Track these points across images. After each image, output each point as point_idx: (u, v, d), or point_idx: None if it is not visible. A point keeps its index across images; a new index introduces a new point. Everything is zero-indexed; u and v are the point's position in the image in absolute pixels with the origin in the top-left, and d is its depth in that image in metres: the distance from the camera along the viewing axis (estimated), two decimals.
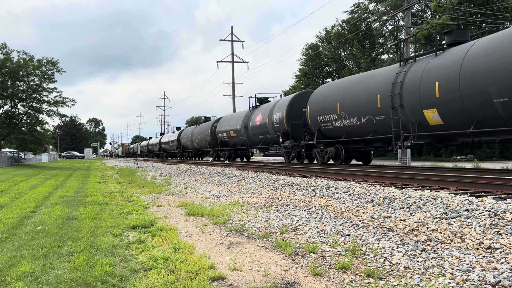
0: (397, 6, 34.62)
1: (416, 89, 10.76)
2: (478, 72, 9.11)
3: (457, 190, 6.89)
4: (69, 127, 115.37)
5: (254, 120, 21.12)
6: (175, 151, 39.81)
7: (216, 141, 26.91)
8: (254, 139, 21.53)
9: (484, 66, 8.99)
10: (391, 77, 11.84)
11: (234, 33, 41.28)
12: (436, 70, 10.28)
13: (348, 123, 13.71)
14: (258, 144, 21.55)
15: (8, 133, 32.86)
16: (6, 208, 7.85)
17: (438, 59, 10.52)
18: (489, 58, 8.93)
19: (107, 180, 16.42)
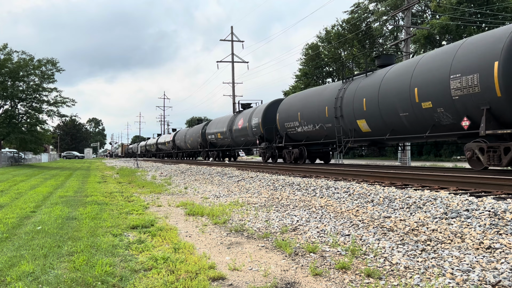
0: (397, 6, 34.63)
1: (351, 103, 13.32)
2: (388, 92, 11.58)
3: (457, 190, 6.89)
4: (69, 127, 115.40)
5: (237, 124, 23.66)
6: (171, 151, 42.14)
7: (206, 142, 29.25)
8: (238, 141, 24.09)
9: (393, 87, 11.42)
10: (335, 93, 14.39)
11: (234, 33, 41.30)
12: (365, 89, 12.80)
13: (306, 129, 16.38)
14: (241, 145, 24.08)
15: (8, 133, 32.86)
16: (6, 208, 7.85)
17: (367, 79, 13.05)
18: (395, 81, 11.43)
19: (107, 180, 16.42)
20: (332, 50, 46.16)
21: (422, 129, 10.69)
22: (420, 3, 35.19)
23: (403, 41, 23.93)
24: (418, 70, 10.59)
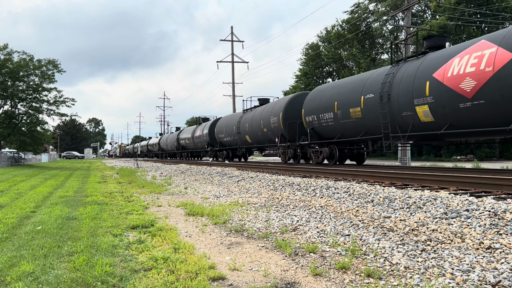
0: (397, 6, 34.63)
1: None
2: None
3: (457, 190, 6.89)
4: (69, 127, 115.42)
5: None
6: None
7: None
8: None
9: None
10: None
11: (234, 33, 41.31)
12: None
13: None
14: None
15: (8, 134, 32.84)
16: (6, 208, 7.85)
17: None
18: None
19: (107, 180, 16.42)
20: (332, 50, 46.16)
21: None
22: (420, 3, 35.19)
23: (403, 41, 23.94)
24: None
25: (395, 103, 11.51)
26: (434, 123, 10.47)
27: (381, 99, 11.93)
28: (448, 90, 9.83)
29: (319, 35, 49.38)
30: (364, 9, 42.66)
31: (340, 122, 14.05)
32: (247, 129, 21.74)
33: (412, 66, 11.38)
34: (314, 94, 16.23)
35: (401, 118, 11.41)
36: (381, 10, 40.46)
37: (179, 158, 38.63)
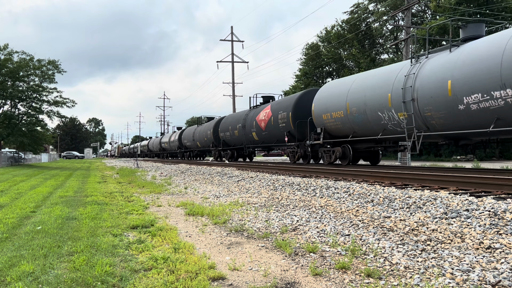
0: (397, 6, 34.63)
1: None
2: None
3: (457, 190, 6.89)
4: (69, 127, 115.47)
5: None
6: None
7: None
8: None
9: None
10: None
11: (234, 33, 41.32)
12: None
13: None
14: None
15: (8, 134, 32.82)
16: (6, 208, 7.85)
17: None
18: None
19: (107, 180, 16.42)
20: (332, 50, 46.17)
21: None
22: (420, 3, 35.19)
23: (403, 41, 23.94)
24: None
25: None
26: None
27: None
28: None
29: (318, 35, 49.41)
30: (364, 9, 42.66)
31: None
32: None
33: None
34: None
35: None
36: (381, 10, 40.47)
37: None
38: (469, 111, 9.21)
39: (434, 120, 10.26)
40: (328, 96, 14.60)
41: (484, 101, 8.77)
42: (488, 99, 8.68)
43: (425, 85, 10.30)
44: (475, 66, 9.00)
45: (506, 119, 8.50)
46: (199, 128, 32.39)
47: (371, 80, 12.70)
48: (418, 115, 10.61)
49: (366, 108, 12.43)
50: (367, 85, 12.71)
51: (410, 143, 10.91)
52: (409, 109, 10.76)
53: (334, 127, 14.27)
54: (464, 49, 9.72)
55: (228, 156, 26.22)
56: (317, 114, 15.04)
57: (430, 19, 37.30)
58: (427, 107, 10.28)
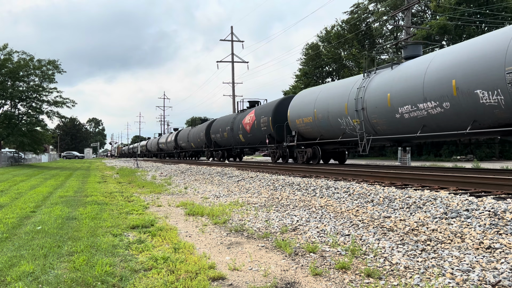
0: (397, 6, 34.64)
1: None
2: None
3: (457, 190, 6.89)
4: (69, 127, 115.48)
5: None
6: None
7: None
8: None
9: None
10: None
11: (234, 33, 41.32)
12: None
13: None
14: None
15: (8, 134, 32.81)
16: (6, 208, 7.85)
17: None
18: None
19: (107, 180, 16.42)
20: (332, 50, 46.17)
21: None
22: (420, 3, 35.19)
23: (403, 41, 23.94)
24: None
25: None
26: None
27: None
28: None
29: (318, 35, 49.42)
30: (364, 9, 42.67)
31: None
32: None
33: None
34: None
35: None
36: (381, 10, 40.47)
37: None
38: (403, 119, 11.14)
39: (379, 126, 12.19)
40: (300, 104, 16.55)
41: (413, 111, 10.71)
42: (415, 109, 10.61)
43: (371, 96, 12.23)
44: (407, 83, 10.92)
45: (430, 126, 10.45)
46: (193, 130, 34.13)
47: (333, 91, 14.66)
48: (367, 121, 12.53)
49: (329, 115, 14.39)
50: (330, 95, 14.70)
51: (362, 145, 12.75)
52: (360, 116, 12.69)
53: (306, 131, 16.26)
54: (401, 67, 11.75)
55: (219, 156, 28.04)
56: (292, 119, 17.02)
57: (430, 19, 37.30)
58: (373, 115, 12.20)
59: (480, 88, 8.71)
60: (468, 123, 9.31)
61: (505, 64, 8.09)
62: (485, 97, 8.66)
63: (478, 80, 8.73)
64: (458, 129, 9.70)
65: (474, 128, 9.30)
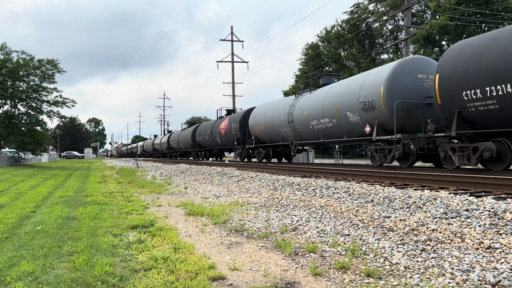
0: (397, 6, 34.62)
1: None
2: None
3: (457, 190, 6.89)
4: (69, 127, 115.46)
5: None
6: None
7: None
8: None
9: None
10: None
11: (234, 33, 41.32)
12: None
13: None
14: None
15: (8, 134, 32.81)
16: (6, 208, 7.85)
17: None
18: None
19: (107, 180, 16.42)
20: (332, 50, 46.17)
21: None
22: (420, 3, 35.18)
23: (402, 41, 23.94)
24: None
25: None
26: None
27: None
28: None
29: (318, 35, 49.43)
30: (364, 9, 42.66)
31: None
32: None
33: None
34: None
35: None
36: (381, 10, 40.46)
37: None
38: (313, 129, 15.28)
39: (302, 135, 16.42)
40: (257, 115, 20.82)
41: (318, 124, 14.87)
42: (320, 123, 14.79)
43: (297, 112, 16.49)
44: (315, 104, 15.11)
45: (328, 134, 14.59)
46: (182, 132, 38.37)
47: (277, 106, 19.01)
48: (295, 130, 16.85)
49: (273, 124, 18.69)
50: (275, 109, 19.03)
51: (293, 148, 17.35)
52: (291, 126, 16.98)
53: (260, 136, 20.52)
54: (314, 93, 15.93)
55: (203, 156, 31.83)
56: (251, 126, 21.23)
57: (430, 19, 37.29)
58: (298, 126, 16.49)
59: (349, 111, 13.02)
60: (345, 133, 13.59)
61: (359, 97, 12.44)
62: (351, 117, 12.96)
63: (348, 106, 13.01)
64: (341, 137, 13.87)
65: (348, 136, 13.48)
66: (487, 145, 8.76)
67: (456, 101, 9.22)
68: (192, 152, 34.17)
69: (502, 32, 8.69)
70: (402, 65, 11.58)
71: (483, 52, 8.74)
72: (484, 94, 8.62)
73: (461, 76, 9.10)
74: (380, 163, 12.10)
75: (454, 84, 9.22)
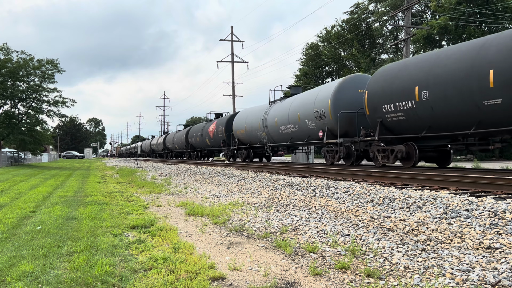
0: (397, 6, 34.62)
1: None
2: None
3: (457, 190, 6.89)
4: (69, 127, 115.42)
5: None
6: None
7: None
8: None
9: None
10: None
11: (234, 33, 41.30)
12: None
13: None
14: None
15: (8, 133, 32.81)
16: (6, 208, 7.85)
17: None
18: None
19: (107, 180, 16.42)
20: (332, 50, 46.16)
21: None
22: (420, 3, 35.17)
23: (402, 41, 23.94)
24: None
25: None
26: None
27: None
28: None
29: (319, 35, 49.43)
30: (364, 9, 42.65)
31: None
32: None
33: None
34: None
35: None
36: (381, 10, 40.46)
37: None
38: (282, 133, 17.85)
39: (274, 137, 18.96)
40: (239, 120, 23.38)
41: (286, 129, 17.45)
42: (287, 128, 17.33)
43: (269, 118, 19.06)
44: (283, 112, 17.72)
45: (294, 138, 17.06)
46: (177, 134, 40.65)
47: (253, 113, 21.42)
48: (268, 134, 19.40)
49: (252, 129, 21.16)
50: (252, 116, 21.56)
51: (267, 149, 20.03)
52: (265, 131, 19.51)
53: (242, 138, 23.03)
54: (284, 102, 18.48)
55: (194, 156, 33.73)
56: (235, 130, 23.79)
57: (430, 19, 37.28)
58: (271, 130, 18.97)
59: (307, 119, 15.48)
60: (306, 137, 16.01)
61: (314, 107, 14.99)
62: (309, 124, 15.41)
63: (306, 114, 15.52)
64: (302, 140, 16.29)
65: (308, 140, 15.89)
66: (399, 147, 11.28)
67: (378, 112, 11.78)
68: (185, 152, 36.45)
69: (409, 61, 11.48)
70: (346, 82, 14.11)
71: (395, 76, 11.36)
72: (395, 108, 11.17)
73: (381, 94, 11.69)
74: (331, 162, 14.54)
75: (377, 99, 11.81)
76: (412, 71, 10.65)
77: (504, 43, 8.41)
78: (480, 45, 9.01)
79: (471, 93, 8.97)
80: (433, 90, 9.86)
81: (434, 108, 9.94)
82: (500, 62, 8.35)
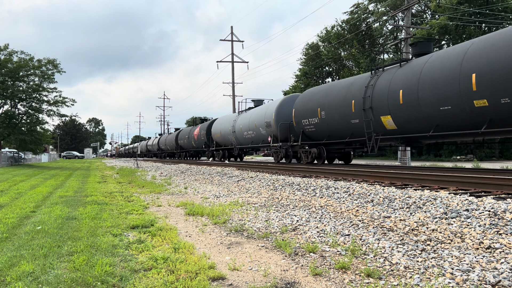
0: (397, 6, 34.62)
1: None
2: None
3: (457, 190, 6.89)
4: (69, 127, 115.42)
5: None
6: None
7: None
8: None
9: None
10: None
11: (234, 33, 41.31)
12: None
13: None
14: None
15: (8, 133, 32.82)
16: (6, 208, 7.85)
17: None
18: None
19: (107, 180, 16.42)
20: (332, 50, 46.15)
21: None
22: (420, 3, 35.18)
23: (403, 41, 23.94)
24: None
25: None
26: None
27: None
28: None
29: (319, 35, 49.42)
30: (364, 9, 42.65)
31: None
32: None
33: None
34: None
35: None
36: (381, 10, 40.46)
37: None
38: (246, 138, 22.36)
39: (240, 141, 22.44)
40: (216, 126, 27.39)
41: (248, 134, 21.74)
42: (248, 134, 21.86)
43: (237, 125, 22.38)
44: (246, 120, 22.32)
45: (253, 141, 21.41)
46: (169, 136, 44.57)
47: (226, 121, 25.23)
48: (236, 138, 22.51)
49: (225, 133, 24.90)
50: (225, 123, 25.30)
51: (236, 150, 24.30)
52: (234, 135, 22.46)
53: (219, 141, 27.08)
54: (248, 112, 22.58)
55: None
56: (213, 134, 27.81)
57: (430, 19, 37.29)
58: (238, 135, 22.60)
59: (260, 127, 19.80)
60: (260, 141, 20.26)
61: (265, 118, 19.20)
62: (262, 131, 19.71)
63: (260, 123, 19.83)
64: (259, 143, 20.49)
65: (262, 143, 20.17)
66: (313, 150, 16.11)
67: (300, 125, 16.44)
68: (176, 153, 40.12)
69: (317, 89, 16.59)
70: (285, 100, 18.73)
71: (308, 99, 16.21)
72: (309, 122, 15.85)
73: (301, 111, 16.42)
74: (277, 160, 18.99)
75: (299, 115, 16.52)
76: (317, 96, 15.44)
77: (360, 83, 13.04)
78: (350, 83, 13.81)
79: (345, 115, 13.43)
80: (327, 111, 14.45)
81: (329, 123, 14.53)
82: (358, 97, 12.66)
